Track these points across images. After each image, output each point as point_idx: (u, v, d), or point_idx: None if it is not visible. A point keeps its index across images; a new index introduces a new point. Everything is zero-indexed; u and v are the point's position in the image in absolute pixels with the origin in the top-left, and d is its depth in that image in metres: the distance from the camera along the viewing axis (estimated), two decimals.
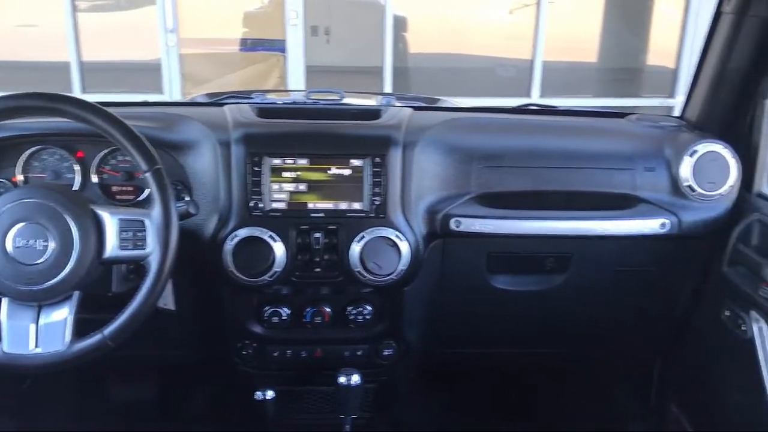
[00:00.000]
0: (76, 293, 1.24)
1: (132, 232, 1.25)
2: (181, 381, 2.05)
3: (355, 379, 1.51)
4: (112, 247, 1.24)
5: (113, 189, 1.53)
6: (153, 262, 1.24)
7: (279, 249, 1.45)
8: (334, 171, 1.47)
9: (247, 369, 1.64)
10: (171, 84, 5.36)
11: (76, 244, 1.20)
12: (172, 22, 5.16)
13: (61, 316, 1.23)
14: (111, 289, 1.39)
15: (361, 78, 6.00)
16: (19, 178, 1.50)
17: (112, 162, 1.52)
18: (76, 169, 1.51)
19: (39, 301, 1.22)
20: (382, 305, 1.59)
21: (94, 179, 1.51)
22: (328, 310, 1.57)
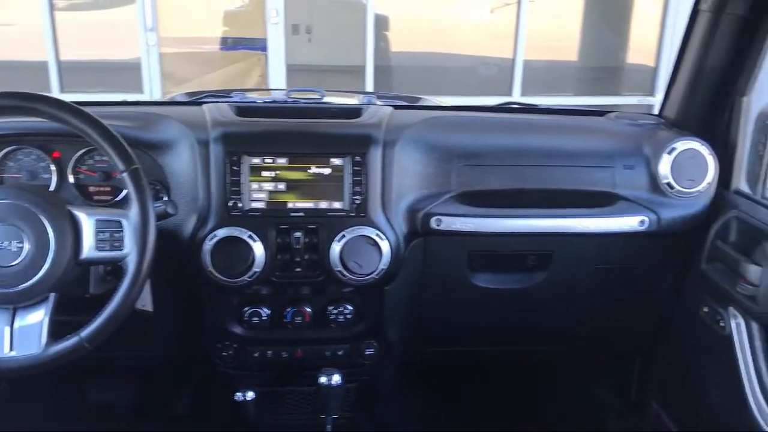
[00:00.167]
0: (52, 295, 1.22)
1: (109, 233, 1.23)
2: (160, 382, 2.03)
3: (336, 379, 1.50)
4: (89, 248, 1.22)
5: (90, 189, 1.51)
6: (130, 263, 1.23)
7: (258, 249, 1.44)
8: (314, 170, 1.47)
9: (228, 370, 1.63)
10: (151, 83, 5.31)
11: (51, 245, 1.19)
12: (152, 20, 5.12)
13: (37, 318, 1.21)
14: (88, 290, 1.37)
15: (343, 77, 5.99)
16: None
17: (89, 162, 1.50)
18: (53, 169, 1.49)
19: (14, 303, 1.20)
20: (363, 305, 1.59)
21: (71, 179, 1.50)
22: (309, 310, 1.56)
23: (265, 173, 1.46)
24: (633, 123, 1.66)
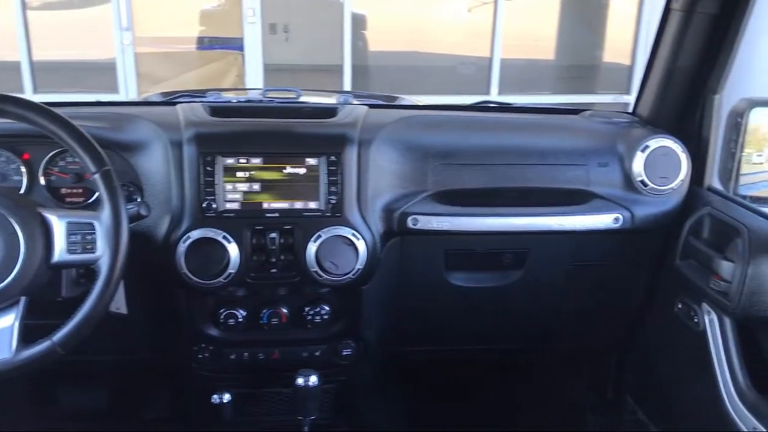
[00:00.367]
0: (23, 299, 1.20)
1: (81, 236, 1.21)
2: (136, 385, 2.01)
3: (313, 380, 1.49)
4: (60, 251, 1.20)
5: (62, 191, 1.49)
6: (103, 265, 1.21)
7: (233, 250, 1.42)
8: (289, 170, 1.46)
9: (204, 372, 1.62)
10: (126, 83, 5.27)
11: (22, 248, 1.16)
12: (127, 20, 5.08)
13: (7, 322, 1.19)
14: (61, 293, 1.35)
15: (321, 76, 5.98)
16: None
17: (61, 164, 1.48)
18: (23, 171, 1.46)
19: None
20: (340, 305, 1.58)
21: (42, 181, 1.47)
22: (285, 311, 1.55)
23: (239, 174, 1.44)
24: (607, 121, 1.67)
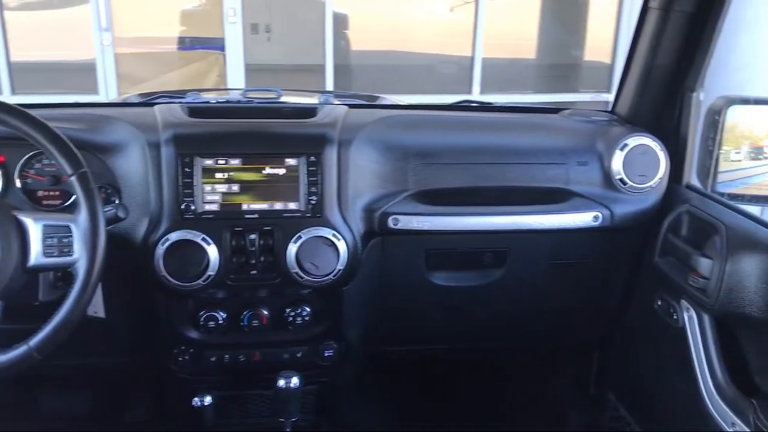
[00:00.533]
0: None
1: (57, 239, 1.20)
2: (117, 388, 1.99)
3: (294, 381, 1.48)
4: (36, 255, 1.19)
5: (39, 194, 1.47)
6: (80, 269, 1.19)
7: (213, 252, 1.41)
8: (269, 171, 1.45)
9: (184, 375, 1.60)
10: (106, 84, 5.22)
11: None
12: (106, 20, 5.03)
13: None
14: (38, 297, 1.34)
15: (304, 76, 5.97)
16: None
17: (37, 166, 1.46)
18: None
19: None
20: (321, 306, 1.58)
21: (18, 184, 1.45)
22: (266, 312, 1.54)
23: (218, 175, 1.43)
24: (586, 120, 1.68)
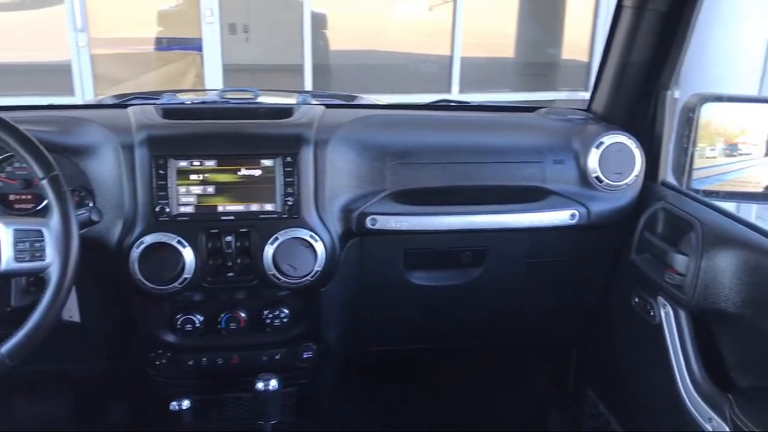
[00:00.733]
0: None
1: (29, 243, 1.18)
2: (94, 393, 1.96)
3: (273, 384, 1.47)
4: (7, 260, 1.16)
5: (10, 198, 1.44)
6: (53, 273, 1.17)
7: (188, 254, 1.40)
8: (244, 172, 1.44)
9: (162, 379, 1.59)
10: (83, 85, 5.17)
11: None
12: (81, 21, 4.98)
13: None
14: (10, 303, 1.32)
15: (282, 76, 5.95)
16: None
17: (8, 169, 1.44)
18: None
19: None
20: (300, 307, 1.57)
21: None
22: (244, 315, 1.53)
23: (193, 176, 1.42)
24: (562, 118, 1.68)
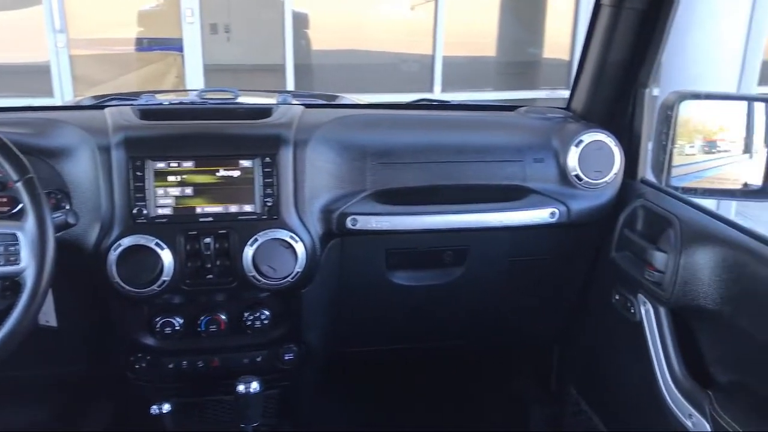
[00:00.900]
0: None
1: (4, 247, 1.16)
2: (73, 398, 1.94)
3: (254, 386, 1.46)
4: None
5: None
6: (28, 277, 1.16)
7: (167, 257, 1.39)
8: (223, 173, 1.42)
9: (142, 383, 1.57)
10: (62, 87, 5.12)
11: None
12: (60, 22, 4.93)
13: None
14: None
15: (264, 76, 5.93)
16: None
17: None
18: None
19: None
20: (280, 309, 1.55)
21: None
22: (224, 317, 1.52)
23: (170, 178, 1.41)
24: (542, 117, 1.68)
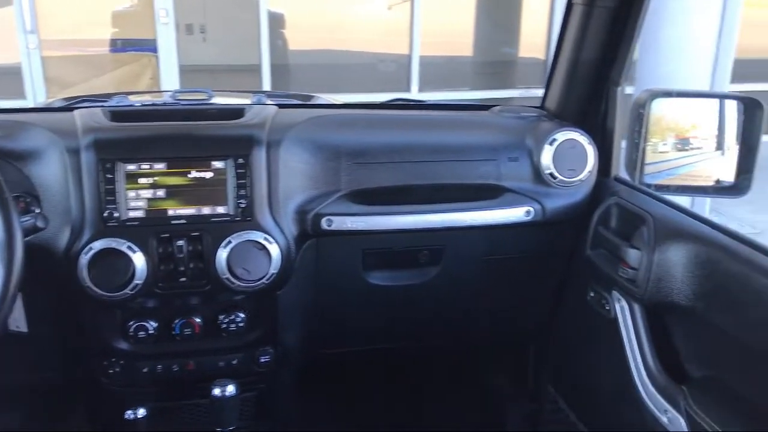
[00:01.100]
0: None
1: None
2: (46, 405, 1.91)
3: (230, 389, 1.45)
4: None
5: None
6: None
7: (139, 260, 1.37)
8: (195, 174, 1.41)
9: (116, 388, 1.55)
10: (34, 88, 5.05)
11: None
12: (31, 22, 4.86)
13: None
14: None
15: (240, 76, 5.90)
16: None
17: None
18: None
19: None
20: (256, 311, 1.54)
21: None
22: (198, 320, 1.50)
23: (142, 180, 1.39)
24: (516, 116, 1.69)
